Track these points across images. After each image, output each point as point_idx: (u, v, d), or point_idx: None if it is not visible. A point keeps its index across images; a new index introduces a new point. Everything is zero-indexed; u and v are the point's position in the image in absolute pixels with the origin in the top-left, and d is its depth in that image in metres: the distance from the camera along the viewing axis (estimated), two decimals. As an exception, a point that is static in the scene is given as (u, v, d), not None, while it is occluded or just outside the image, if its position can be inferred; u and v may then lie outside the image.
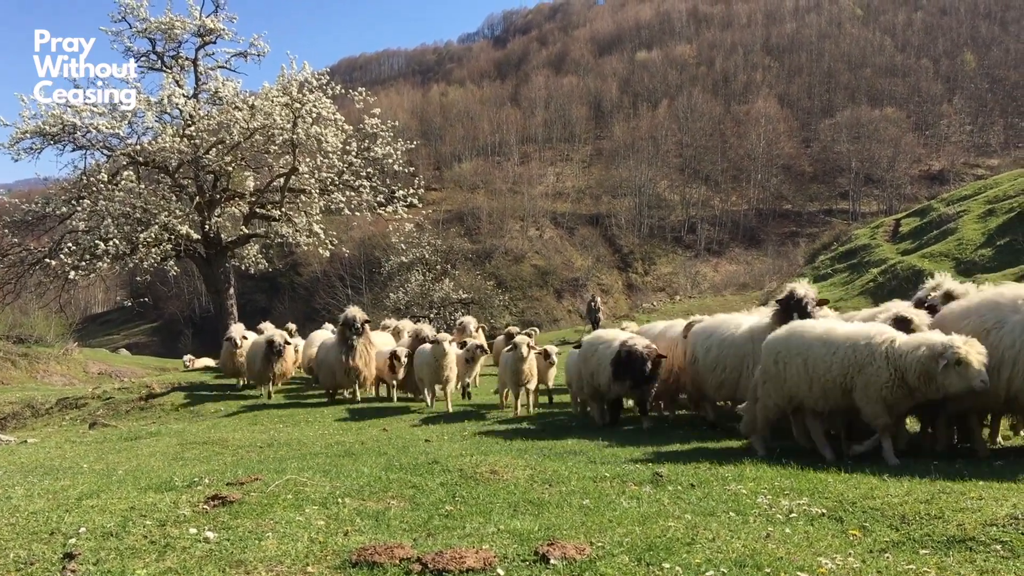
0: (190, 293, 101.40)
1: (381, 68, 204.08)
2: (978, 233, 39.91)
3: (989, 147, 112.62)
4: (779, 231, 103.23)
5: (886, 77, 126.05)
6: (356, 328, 17.21)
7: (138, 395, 20.44)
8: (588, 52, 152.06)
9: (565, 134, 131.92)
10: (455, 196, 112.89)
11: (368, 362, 17.62)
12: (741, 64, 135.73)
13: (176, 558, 4.85)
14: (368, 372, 17.77)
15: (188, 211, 23.89)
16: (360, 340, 17.36)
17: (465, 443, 11.10)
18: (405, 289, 45.82)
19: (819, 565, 4.44)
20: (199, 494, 6.69)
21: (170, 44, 25.48)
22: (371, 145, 26.34)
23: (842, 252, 58.50)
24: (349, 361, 17.22)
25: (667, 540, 5.11)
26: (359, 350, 17.33)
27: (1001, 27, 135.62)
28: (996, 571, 4.23)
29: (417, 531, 5.62)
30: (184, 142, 23.24)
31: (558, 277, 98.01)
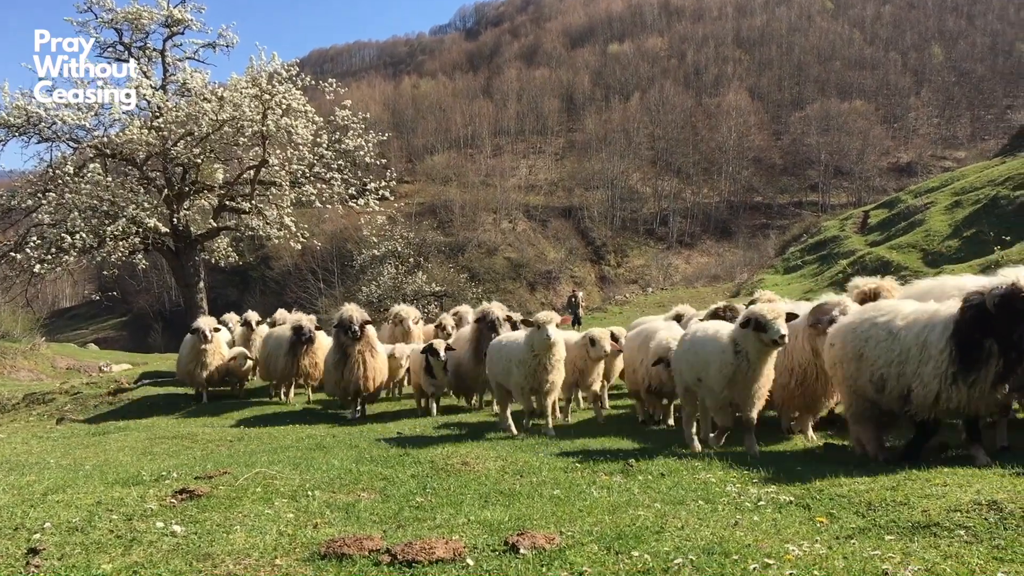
0: (159, 287, 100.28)
1: (352, 60, 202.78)
2: (945, 224, 40.40)
3: (956, 140, 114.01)
4: (750, 223, 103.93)
5: (855, 70, 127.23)
6: (353, 332, 13.90)
7: (106, 390, 20.23)
8: (560, 44, 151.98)
9: (537, 126, 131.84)
10: (427, 189, 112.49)
11: (374, 373, 14.40)
12: (712, 57, 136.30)
13: (142, 552, 4.81)
14: (373, 383, 14.46)
15: (156, 204, 23.62)
16: (358, 346, 14.12)
17: (436, 435, 11.11)
18: (378, 282, 45.58)
19: (786, 552, 4.48)
20: (167, 488, 6.64)
21: (137, 35, 25.13)
22: (342, 137, 26.16)
23: (812, 244, 58.95)
24: (343, 373, 14.16)
25: (636, 529, 5.14)
26: (357, 359, 14.13)
27: (968, 21, 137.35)
28: (959, 555, 4.29)
29: (387, 523, 5.61)
30: (152, 134, 22.95)
31: (531, 270, 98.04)
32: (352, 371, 14.15)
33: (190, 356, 17.75)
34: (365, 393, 14.59)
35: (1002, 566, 4.11)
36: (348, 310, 14.25)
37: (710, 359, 8.55)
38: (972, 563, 4.16)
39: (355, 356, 14.18)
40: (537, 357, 10.60)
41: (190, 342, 17.84)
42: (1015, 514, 4.93)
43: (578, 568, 4.32)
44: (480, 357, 13.39)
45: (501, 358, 11.51)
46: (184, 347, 18.32)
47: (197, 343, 17.46)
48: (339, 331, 14.17)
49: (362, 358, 14.26)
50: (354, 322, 14.00)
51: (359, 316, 14.18)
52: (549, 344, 10.46)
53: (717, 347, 8.50)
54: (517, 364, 10.86)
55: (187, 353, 17.93)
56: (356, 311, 14.24)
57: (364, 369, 14.25)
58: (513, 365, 10.99)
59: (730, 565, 4.31)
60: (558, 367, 10.83)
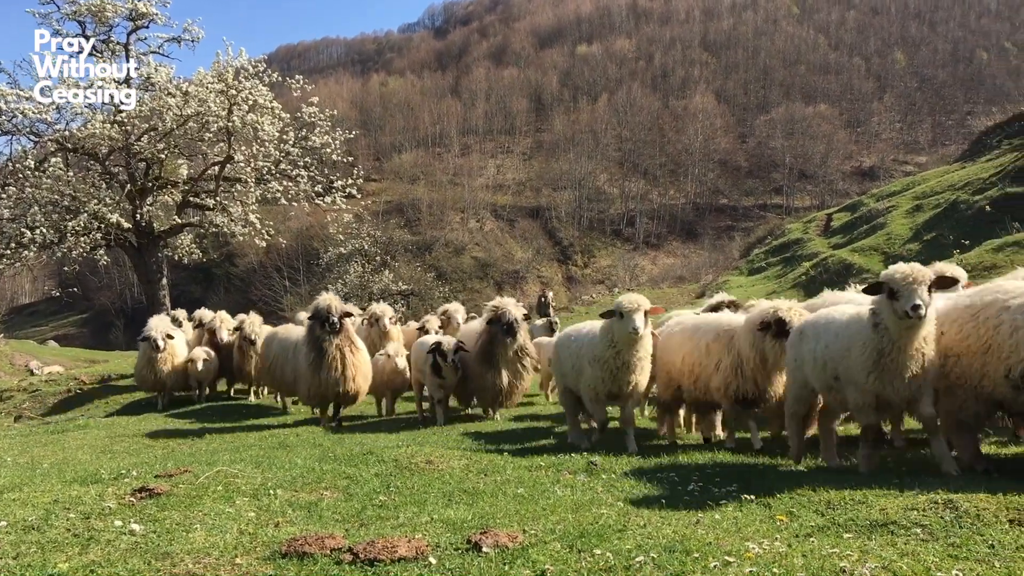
0: (121, 284, 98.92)
1: (320, 57, 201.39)
2: (906, 228, 40.96)
3: (917, 144, 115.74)
4: (715, 225, 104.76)
5: (820, 74, 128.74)
6: (332, 324, 12.18)
7: (66, 387, 19.96)
8: (529, 44, 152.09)
9: (506, 126, 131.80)
10: (395, 187, 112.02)
11: (355, 372, 12.62)
12: (679, 59, 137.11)
13: (100, 551, 4.74)
14: (354, 385, 12.69)
15: (119, 199, 23.34)
16: (337, 342, 12.41)
17: (401, 434, 11.08)
18: (344, 280, 45.45)
19: (746, 550, 4.52)
20: (126, 487, 6.56)
21: (101, 28, 24.81)
22: (309, 134, 26.02)
23: (776, 246, 59.52)
24: (319, 373, 12.40)
25: (599, 527, 5.16)
26: (335, 356, 12.39)
27: (930, 27, 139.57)
28: (915, 553, 4.35)
29: (350, 522, 5.59)
30: (115, 128, 22.68)
31: (498, 269, 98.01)
32: (331, 371, 12.32)
33: (142, 363, 16.76)
34: (345, 397, 12.76)
35: (956, 563, 4.18)
36: (325, 299, 12.43)
37: (851, 342, 6.75)
38: (928, 561, 4.23)
39: (333, 353, 12.34)
40: (619, 354, 8.70)
41: (142, 349, 16.86)
42: (970, 512, 5.02)
43: (540, 566, 4.33)
44: (490, 362, 11.97)
45: (570, 355, 9.70)
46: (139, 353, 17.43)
47: (148, 351, 16.38)
48: (314, 324, 12.39)
49: (340, 355, 12.42)
50: (332, 313, 12.18)
51: (338, 306, 12.40)
52: (634, 338, 8.45)
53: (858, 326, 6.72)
54: (591, 362, 8.94)
55: (140, 360, 17.03)
56: (334, 300, 12.48)
57: (344, 368, 12.45)
58: (585, 363, 9.09)
59: (691, 563, 4.34)
60: (643, 366, 8.93)
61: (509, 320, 11.78)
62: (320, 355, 12.36)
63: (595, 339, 8.98)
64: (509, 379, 12.21)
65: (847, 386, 6.82)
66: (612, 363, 8.74)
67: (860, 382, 6.60)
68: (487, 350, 12.09)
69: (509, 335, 11.86)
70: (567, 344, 9.92)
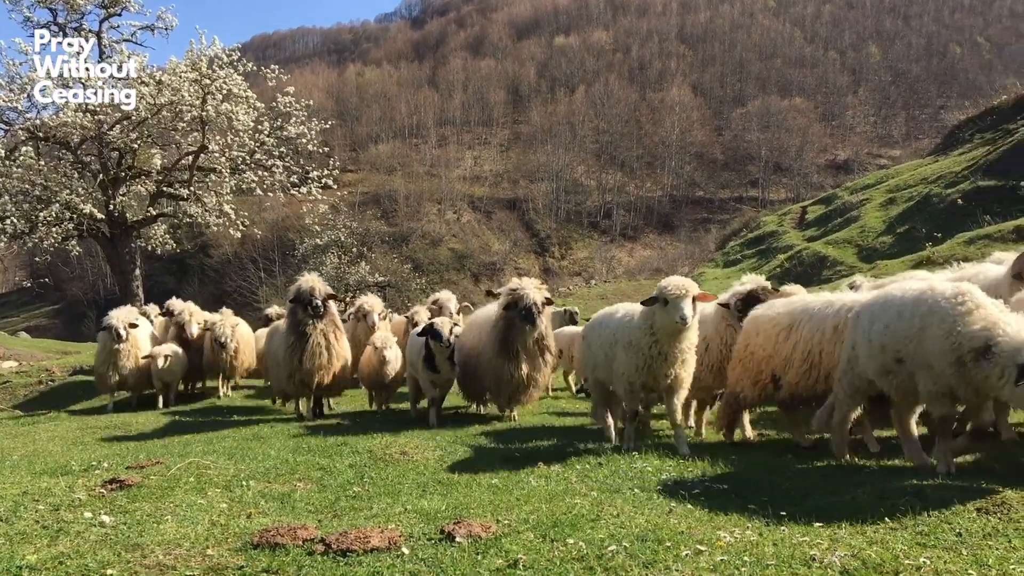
0: (94, 274, 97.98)
1: (296, 46, 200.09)
2: (879, 221, 41.32)
3: (891, 138, 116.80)
4: (692, 217, 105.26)
5: (795, 68, 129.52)
6: (314, 307, 11.36)
7: (37, 379, 19.74)
8: (506, 36, 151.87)
9: (483, 117, 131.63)
10: (372, 178, 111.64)
11: (338, 360, 11.88)
12: (656, 52, 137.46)
13: (69, 543, 4.71)
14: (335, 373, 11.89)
15: (91, 189, 23.08)
16: (321, 326, 11.59)
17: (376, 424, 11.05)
18: (320, 272, 45.15)
19: (718, 538, 4.55)
20: (96, 478, 6.51)
21: (72, 15, 24.46)
22: (284, 124, 25.82)
23: (751, 238, 59.87)
24: (302, 360, 11.50)
25: (572, 517, 5.18)
26: (318, 341, 11.55)
27: (904, 22, 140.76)
28: (884, 541, 4.40)
29: (323, 512, 5.58)
30: (87, 117, 22.40)
31: (475, 261, 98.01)
32: (313, 357, 11.46)
33: (101, 357, 15.11)
34: (328, 387, 12.10)
35: (925, 551, 4.23)
36: (308, 281, 11.54)
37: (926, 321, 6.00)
38: (896, 548, 4.27)
39: (316, 338, 11.50)
40: (658, 343, 7.70)
41: (101, 340, 15.28)
42: (938, 501, 5.09)
43: (513, 556, 4.34)
44: (507, 353, 10.58)
45: (603, 342, 8.71)
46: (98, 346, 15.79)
47: (109, 342, 14.78)
48: (296, 307, 11.53)
49: (325, 340, 11.58)
50: (315, 295, 11.34)
51: (321, 288, 11.55)
52: (680, 328, 7.50)
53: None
54: (627, 348, 7.97)
55: (99, 353, 15.39)
56: (317, 282, 11.58)
57: (329, 355, 11.65)
58: (619, 349, 8.13)
59: (663, 552, 4.36)
60: (687, 358, 7.92)
61: (528, 305, 10.31)
62: (301, 340, 11.43)
63: (633, 323, 7.97)
64: (529, 371, 10.75)
65: (918, 371, 6.13)
66: (648, 352, 7.74)
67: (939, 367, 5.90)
68: (503, 338, 10.64)
69: (528, 321, 10.39)
70: (598, 330, 8.99)
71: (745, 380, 8.27)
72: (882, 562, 4.08)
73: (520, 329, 10.47)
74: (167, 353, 14.86)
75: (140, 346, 15.38)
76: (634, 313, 8.11)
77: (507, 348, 10.59)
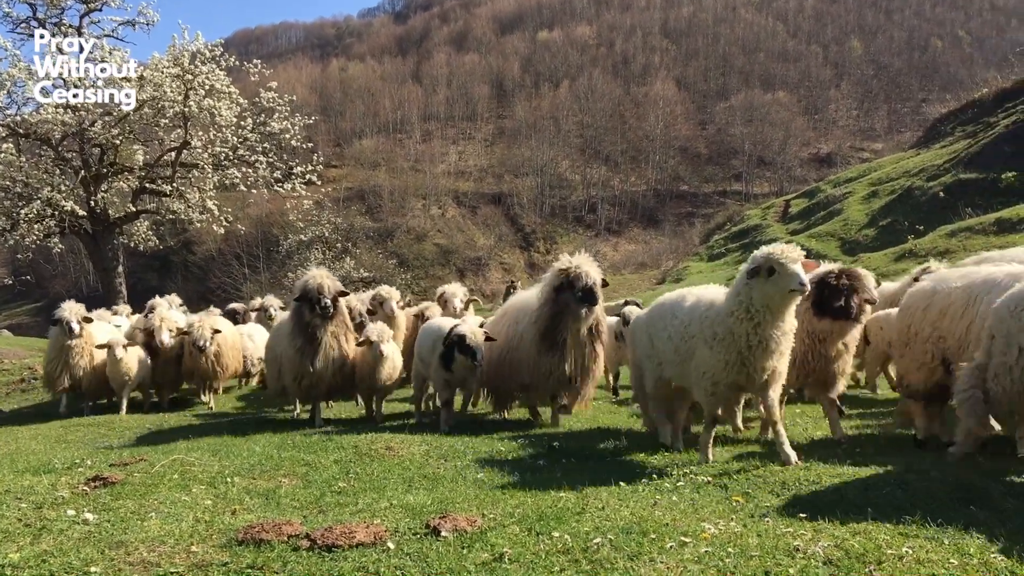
0: (76, 272, 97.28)
1: (278, 41, 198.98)
2: (862, 214, 41.54)
3: (874, 131, 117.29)
4: (676, 211, 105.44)
5: (778, 62, 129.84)
6: (324, 307, 10.30)
7: (19, 377, 19.60)
8: (490, 30, 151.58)
9: (467, 112, 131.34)
10: (356, 173, 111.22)
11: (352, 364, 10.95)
12: (640, 46, 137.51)
13: (52, 540, 4.68)
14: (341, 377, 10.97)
15: (73, 186, 22.97)
16: (331, 328, 10.64)
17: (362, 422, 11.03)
18: (304, 268, 45.13)
19: (702, 530, 4.58)
20: (80, 476, 6.48)
21: (52, 10, 24.32)
22: (267, 120, 25.75)
23: (735, 232, 60.03)
24: (313, 364, 10.49)
25: (558, 510, 5.19)
26: (329, 343, 10.62)
27: (886, 15, 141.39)
28: (867, 531, 4.44)
29: (308, 508, 5.57)
30: (68, 113, 22.26)
31: (460, 256, 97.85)
32: (325, 361, 10.56)
33: (53, 354, 13.60)
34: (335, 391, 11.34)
35: (907, 541, 4.27)
36: (315, 277, 10.43)
37: None
38: (879, 538, 4.31)
39: (329, 341, 10.59)
40: (759, 327, 6.27)
41: (52, 336, 13.80)
42: (920, 491, 5.14)
43: (499, 549, 4.34)
44: (553, 344, 9.22)
45: (672, 335, 7.32)
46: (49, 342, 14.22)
47: (60, 337, 13.35)
48: (302, 306, 10.45)
49: (336, 343, 10.70)
50: (325, 293, 10.28)
51: (331, 285, 10.44)
52: (795, 296, 6.20)
53: None
54: (709, 342, 6.59)
55: (49, 351, 13.88)
56: (327, 279, 10.48)
57: (342, 357, 10.83)
58: (699, 344, 6.77)
59: (648, 544, 4.38)
60: (785, 347, 6.51)
61: (588, 285, 8.88)
62: (311, 343, 10.47)
63: (718, 312, 6.61)
64: (582, 363, 9.40)
65: None
66: (745, 341, 6.30)
67: None
68: (550, 327, 9.19)
69: (587, 303, 8.94)
70: (662, 322, 7.55)
71: (925, 369, 7.01)
72: (865, 552, 4.11)
73: (575, 315, 9.02)
74: (125, 343, 13.30)
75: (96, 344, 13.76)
76: (714, 300, 6.82)
77: (552, 339, 9.20)
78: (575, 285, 8.89)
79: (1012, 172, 31.33)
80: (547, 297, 9.27)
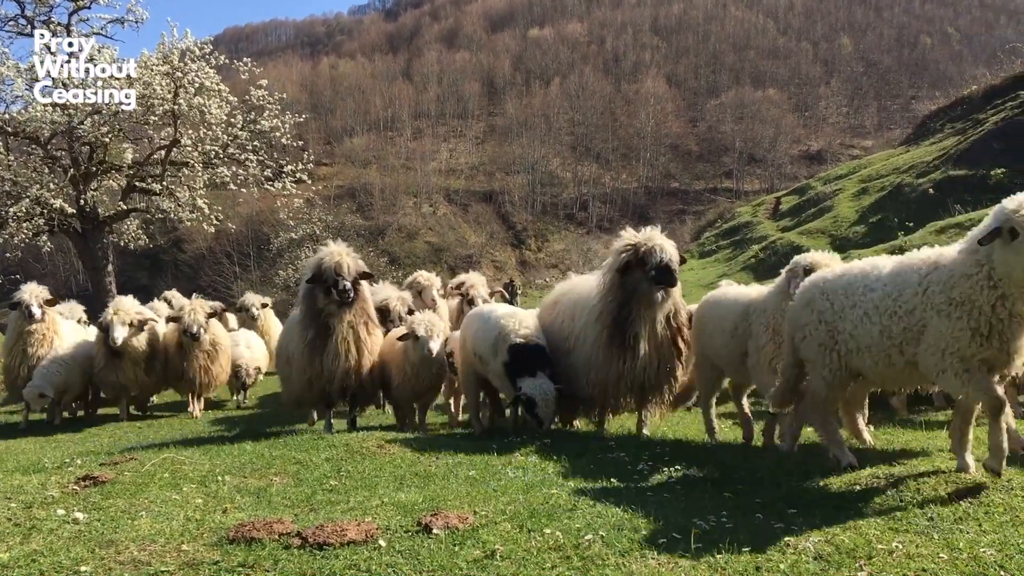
0: (66, 270, 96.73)
1: (268, 39, 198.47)
2: (852, 211, 41.62)
3: (864, 128, 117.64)
4: (667, 208, 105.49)
5: (768, 59, 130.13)
6: (343, 291, 8.67)
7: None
8: (481, 28, 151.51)
9: (458, 110, 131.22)
10: (346, 171, 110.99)
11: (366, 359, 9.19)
12: (630, 44, 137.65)
13: (42, 540, 4.66)
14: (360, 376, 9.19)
15: (62, 184, 22.90)
16: (349, 317, 8.93)
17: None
18: (295, 266, 45.06)
19: (694, 526, 4.59)
20: (70, 475, 6.46)
21: (40, 8, 24.22)
22: (258, 118, 25.68)
23: (726, 229, 60.09)
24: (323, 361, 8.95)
25: (549, 507, 5.19)
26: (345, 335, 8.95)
27: (876, 12, 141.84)
28: (857, 526, 4.47)
29: (299, 506, 5.56)
30: (57, 111, 22.16)
31: (452, 254, 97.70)
32: (337, 357, 8.87)
33: (11, 342, 12.23)
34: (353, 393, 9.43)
35: (897, 536, 4.29)
36: (333, 254, 8.81)
37: None
38: (869, 533, 4.33)
39: (343, 332, 8.90)
40: (1005, 299, 4.90)
41: (10, 323, 12.48)
42: (910, 486, 5.16)
43: (490, 546, 4.35)
44: (622, 337, 7.61)
45: (869, 309, 5.66)
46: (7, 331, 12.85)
47: (20, 323, 12.01)
48: (315, 290, 8.88)
49: (355, 335, 8.98)
50: (344, 273, 8.65)
51: (351, 264, 8.84)
52: None
53: None
54: (946, 310, 5.09)
55: (7, 339, 12.44)
56: (346, 256, 8.90)
57: (359, 355, 9.06)
58: (932, 314, 5.18)
59: (640, 540, 4.40)
60: None
61: (663, 261, 7.35)
62: (323, 334, 8.82)
63: (945, 274, 5.19)
64: (659, 361, 7.82)
65: None
66: (991, 311, 4.91)
67: None
68: (618, 319, 7.61)
69: (663, 283, 7.41)
70: (841, 291, 5.96)
71: None
72: (855, 547, 4.13)
73: (648, 299, 7.47)
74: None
75: (60, 333, 12.58)
76: (938, 260, 5.40)
77: (621, 333, 7.58)
78: (647, 262, 7.29)
79: (1001, 169, 31.41)
80: (611, 283, 7.58)
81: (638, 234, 7.60)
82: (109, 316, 11.45)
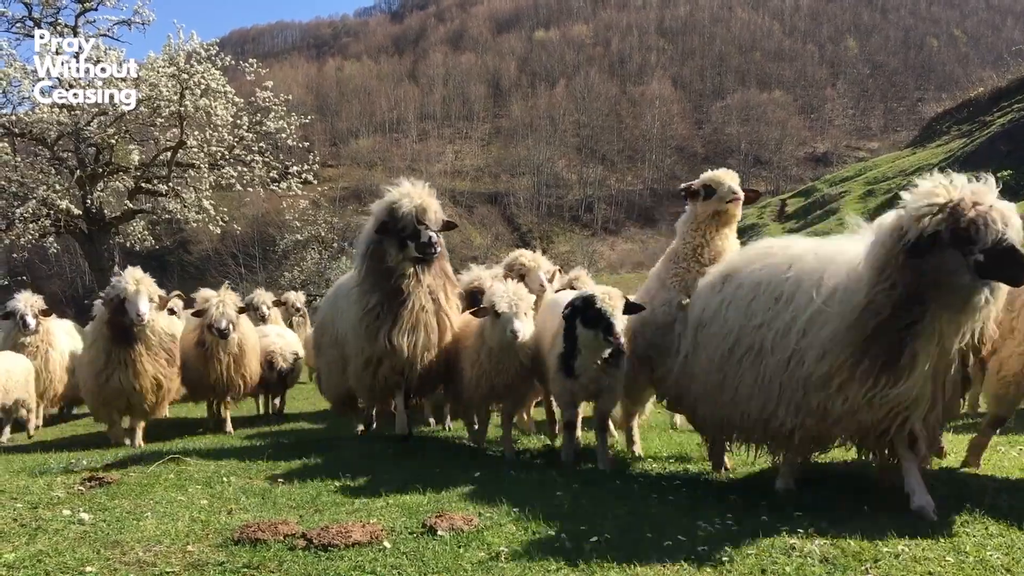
0: (72, 271, 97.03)
1: (274, 41, 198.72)
2: (858, 213, 41.53)
3: (869, 130, 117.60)
4: (673, 210, 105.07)
5: (774, 61, 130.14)
6: (424, 243, 6.91)
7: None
8: (486, 29, 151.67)
9: (464, 112, 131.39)
10: (352, 173, 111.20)
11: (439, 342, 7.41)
12: (636, 45, 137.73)
13: (48, 540, 4.67)
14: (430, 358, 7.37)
15: (68, 185, 22.93)
16: (428, 280, 7.14)
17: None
18: (301, 267, 45.00)
19: (698, 528, 4.59)
20: (76, 476, 6.46)
21: (47, 9, 24.25)
22: (263, 119, 25.70)
23: (732, 231, 60.01)
24: (395, 336, 7.01)
25: (554, 509, 5.19)
26: (423, 305, 7.10)
27: (882, 14, 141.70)
28: (863, 529, 4.45)
29: (304, 508, 5.55)
30: (63, 113, 22.21)
31: (457, 256, 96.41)
32: (418, 329, 7.06)
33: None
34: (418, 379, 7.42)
35: (903, 539, 4.28)
36: (412, 196, 7.06)
37: None
38: (875, 536, 4.32)
39: (421, 299, 7.07)
40: None
41: (4, 332, 11.87)
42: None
43: (495, 548, 4.34)
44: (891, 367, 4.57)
45: None
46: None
47: (14, 334, 11.45)
48: (385, 243, 7.14)
49: (433, 304, 7.19)
50: (428, 221, 7.00)
51: (437, 210, 7.19)
52: None
53: None
54: None
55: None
56: (429, 199, 7.18)
57: (440, 327, 7.25)
58: None
59: (644, 541, 4.39)
60: None
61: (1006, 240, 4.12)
62: (393, 301, 6.92)
63: None
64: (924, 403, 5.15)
65: None
66: None
67: None
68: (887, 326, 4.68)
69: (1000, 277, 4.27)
70: None
71: None
72: (861, 550, 4.12)
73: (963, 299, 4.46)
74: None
75: (57, 345, 12.02)
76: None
77: (887, 348, 4.60)
78: (974, 239, 4.17)
79: (1008, 171, 31.32)
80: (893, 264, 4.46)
81: (951, 185, 4.36)
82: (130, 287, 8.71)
